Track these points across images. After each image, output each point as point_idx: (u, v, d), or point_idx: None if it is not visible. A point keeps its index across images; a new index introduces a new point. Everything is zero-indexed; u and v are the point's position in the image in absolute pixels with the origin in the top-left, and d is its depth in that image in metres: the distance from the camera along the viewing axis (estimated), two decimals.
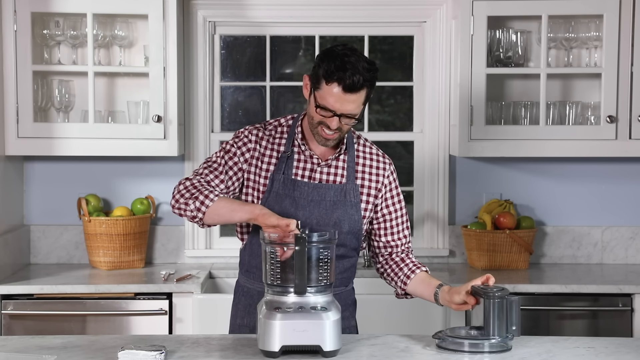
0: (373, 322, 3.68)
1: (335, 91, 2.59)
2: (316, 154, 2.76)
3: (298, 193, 2.72)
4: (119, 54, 4.18)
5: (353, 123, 2.66)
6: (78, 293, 3.77)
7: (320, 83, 2.62)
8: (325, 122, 2.64)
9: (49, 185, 4.31)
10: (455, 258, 4.37)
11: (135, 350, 2.37)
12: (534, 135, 4.03)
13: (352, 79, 2.57)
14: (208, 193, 2.64)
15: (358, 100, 2.62)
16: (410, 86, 4.42)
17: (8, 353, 2.47)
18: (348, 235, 2.75)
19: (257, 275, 2.77)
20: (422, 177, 4.36)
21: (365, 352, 2.50)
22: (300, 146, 2.76)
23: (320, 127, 2.66)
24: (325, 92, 2.60)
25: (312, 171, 2.76)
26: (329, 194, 2.74)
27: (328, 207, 2.73)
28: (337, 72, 2.57)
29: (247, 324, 2.80)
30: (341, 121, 2.63)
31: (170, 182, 4.32)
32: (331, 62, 2.59)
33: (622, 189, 4.37)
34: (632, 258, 4.35)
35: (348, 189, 2.76)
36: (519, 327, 2.52)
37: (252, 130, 2.78)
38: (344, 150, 2.79)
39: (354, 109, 2.62)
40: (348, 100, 2.60)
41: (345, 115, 2.62)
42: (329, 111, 2.61)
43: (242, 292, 2.84)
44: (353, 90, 2.58)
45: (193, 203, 2.65)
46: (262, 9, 4.30)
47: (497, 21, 4.13)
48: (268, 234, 2.49)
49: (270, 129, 2.80)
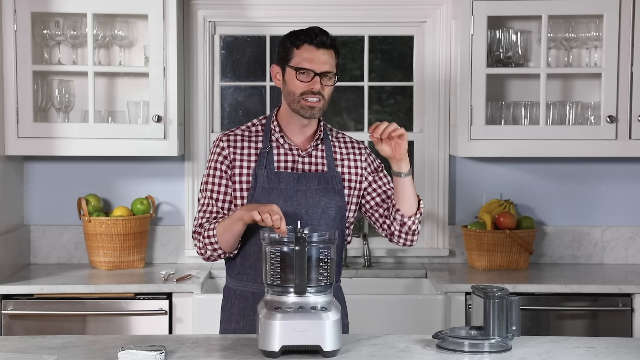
0: (373, 322, 3.68)
1: (307, 50, 2.73)
2: (295, 144, 2.83)
3: (284, 185, 2.78)
4: (119, 54, 4.18)
5: (332, 84, 2.77)
6: (78, 293, 3.77)
7: (291, 54, 2.76)
8: (308, 88, 2.74)
9: (49, 185, 4.31)
10: (455, 258, 4.37)
11: (135, 350, 2.37)
12: (534, 135, 4.03)
13: (320, 36, 2.74)
14: (210, 234, 2.78)
15: (331, 60, 2.75)
16: (410, 86, 4.42)
17: (8, 353, 2.47)
18: (335, 221, 2.80)
19: (251, 276, 2.81)
20: (422, 177, 4.36)
21: (365, 352, 2.50)
22: (278, 140, 2.84)
23: (303, 99, 2.75)
24: (299, 56, 2.74)
25: (293, 162, 2.83)
26: (313, 183, 2.80)
27: (314, 195, 2.79)
28: (303, 35, 2.75)
29: (242, 328, 2.81)
30: (322, 82, 2.74)
31: (170, 182, 4.33)
32: (295, 33, 2.78)
33: (622, 189, 4.37)
34: (632, 258, 4.35)
35: (331, 176, 2.83)
36: (519, 327, 2.52)
37: (222, 137, 2.87)
38: (321, 139, 2.86)
39: (330, 68, 2.75)
40: (321, 57, 2.73)
41: (324, 74, 2.74)
42: (309, 72, 2.73)
43: (235, 296, 2.85)
44: (323, 46, 2.74)
45: (210, 250, 2.80)
46: (262, 9, 4.30)
47: (497, 21, 4.13)
48: (268, 233, 2.50)
49: (243, 128, 2.89)
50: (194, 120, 4.31)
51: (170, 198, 4.34)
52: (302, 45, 2.73)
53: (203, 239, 2.79)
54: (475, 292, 2.56)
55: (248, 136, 2.86)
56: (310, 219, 2.76)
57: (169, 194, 4.35)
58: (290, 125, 2.84)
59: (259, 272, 2.79)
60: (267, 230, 2.53)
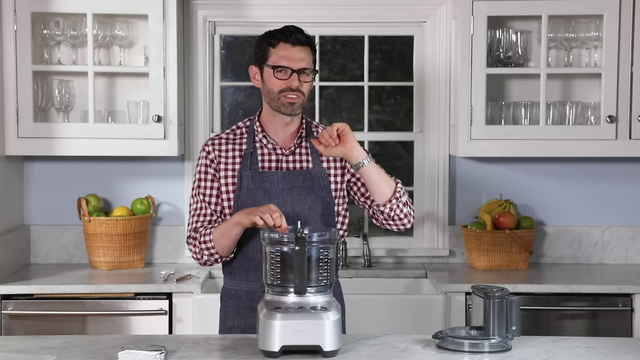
0: (373, 322, 3.68)
1: (283, 48, 2.77)
2: (278, 143, 2.85)
3: (268, 184, 2.79)
4: (119, 54, 4.18)
5: (310, 80, 2.79)
6: (78, 293, 3.77)
7: (267, 53, 2.79)
8: (286, 85, 2.76)
9: (49, 185, 4.31)
10: (455, 258, 4.37)
11: (135, 350, 2.37)
12: (534, 135, 4.03)
13: (295, 34, 2.78)
14: (207, 239, 2.78)
15: (307, 57, 2.79)
16: (410, 86, 4.42)
17: (8, 353, 2.47)
18: (324, 217, 2.81)
19: (243, 275, 2.83)
20: (422, 177, 4.36)
21: (365, 352, 2.50)
22: (261, 140, 2.86)
23: (283, 96, 2.77)
24: (275, 54, 2.77)
25: (277, 161, 2.85)
26: (298, 180, 2.82)
27: (300, 193, 2.80)
28: (278, 33, 2.79)
29: (237, 326, 2.84)
30: (300, 78, 2.76)
31: (170, 182, 4.33)
32: (270, 33, 2.81)
33: (622, 189, 4.37)
34: (632, 258, 4.35)
35: (316, 173, 2.84)
36: (519, 327, 2.52)
37: (208, 142, 2.91)
38: (304, 137, 2.87)
39: (307, 64, 2.78)
40: (298, 54, 2.76)
41: (302, 70, 2.76)
42: (287, 69, 2.75)
43: (230, 295, 2.87)
44: (300, 43, 2.77)
45: (206, 255, 2.80)
46: (262, 9, 4.30)
47: (497, 21, 4.13)
48: (268, 233, 2.50)
49: (228, 132, 2.92)
50: (194, 120, 4.31)
51: (170, 198, 4.34)
52: (278, 44, 2.77)
53: (199, 244, 2.79)
54: (475, 292, 2.56)
55: (232, 139, 2.89)
56: (298, 216, 2.77)
57: (169, 194, 4.35)
58: (272, 124, 2.86)
59: (251, 271, 2.81)
60: (267, 230, 2.53)
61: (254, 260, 2.81)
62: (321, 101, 4.43)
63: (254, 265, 2.81)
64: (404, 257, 4.38)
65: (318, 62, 4.32)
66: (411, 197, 4.38)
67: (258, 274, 2.80)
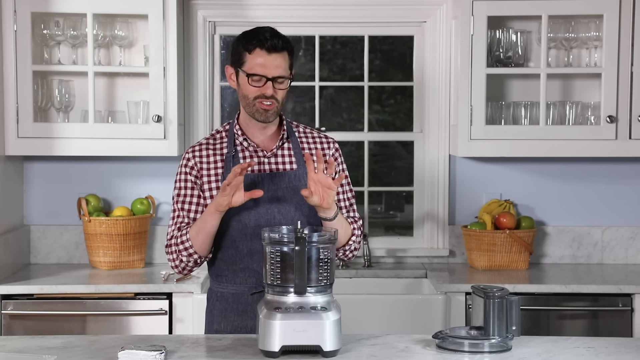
0: (373, 322, 3.68)
1: (259, 55, 2.71)
2: (260, 146, 2.83)
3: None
4: (119, 54, 4.18)
5: (285, 87, 2.75)
6: (78, 293, 3.77)
7: (243, 57, 2.73)
8: (261, 92, 2.72)
9: (49, 185, 4.32)
10: (455, 258, 4.37)
11: (135, 350, 2.37)
12: (534, 135, 4.03)
13: (272, 40, 2.71)
14: (184, 240, 2.77)
15: (283, 64, 2.73)
16: (410, 86, 4.42)
17: (8, 353, 2.47)
18: (310, 218, 2.78)
19: (229, 277, 2.81)
20: (422, 177, 4.36)
21: (365, 352, 2.50)
22: (242, 143, 2.83)
23: (257, 102, 2.74)
24: (251, 61, 2.72)
25: (260, 164, 2.82)
26: (283, 181, 2.79)
27: (286, 194, 2.78)
28: (255, 39, 2.72)
29: (223, 329, 2.81)
30: (274, 86, 2.72)
31: (171, 182, 4.31)
32: (247, 36, 2.74)
33: (622, 189, 4.37)
34: (632, 258, 4.35)
35: (301, 174, 2.81)
36: (519, 327, 2.52)
37: (188, 150, 2.87)
38: (286, 138, 2.85)
39: (283, 72, 2.73)
40: (274, 62, 2.71)
41: (276, 79, 2.72)
42: (261, 77, 2.71)
43: (216, 298, 2.85)
44: (275, 49, 2.71)
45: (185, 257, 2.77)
46: (262, 9, 4.30)
47: (497, 21, 4.14)
48: (268, 233, 2.50)
49: (208, 137, 2.89)
50: (194, 120, 4.31)
51: (170, 198, 4.33)
52: (254, 50, 2.71)
53: (176, 246, 2.78)
54: (475, 292, 2.56)
55: (213, 144, 2.86)
56: (284, 217, 2.76)
57: (169, 194, 4.33)
58: (251, 127, 2.84)
59: (237, 273, 2.80)
60: (267, 230, 2.53)
61: (240, 263, 2.79)
62: (321, 101, 4.43)
63: (240, 268, 2.79)
64: (404, 257, 4.38)
65: (318, 63, 4.34)
66: (411, 197, 4.39)
67: (245, 276, 2.79)
